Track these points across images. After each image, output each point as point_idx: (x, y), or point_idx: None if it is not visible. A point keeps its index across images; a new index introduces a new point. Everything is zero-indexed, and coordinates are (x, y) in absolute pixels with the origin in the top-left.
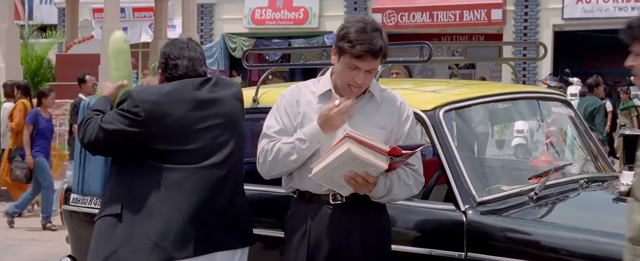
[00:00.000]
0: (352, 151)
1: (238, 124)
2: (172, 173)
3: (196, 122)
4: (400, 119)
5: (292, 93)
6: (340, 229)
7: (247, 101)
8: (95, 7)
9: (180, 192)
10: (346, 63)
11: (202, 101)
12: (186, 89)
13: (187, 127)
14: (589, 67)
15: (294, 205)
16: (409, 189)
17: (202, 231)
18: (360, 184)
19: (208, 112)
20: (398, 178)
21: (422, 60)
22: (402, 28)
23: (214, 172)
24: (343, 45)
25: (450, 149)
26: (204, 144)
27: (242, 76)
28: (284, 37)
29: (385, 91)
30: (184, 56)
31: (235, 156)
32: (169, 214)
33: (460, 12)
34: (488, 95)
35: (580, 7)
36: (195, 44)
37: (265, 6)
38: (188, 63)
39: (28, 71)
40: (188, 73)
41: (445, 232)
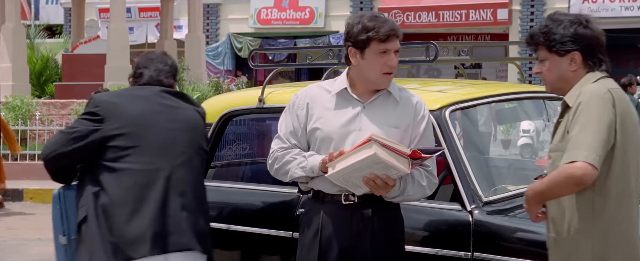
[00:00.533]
0: (378, 155)
1: (197, 134)
2: (128, 175)
3: (152, 124)
4: (415, 118)
5: (305, 95)
6: (352, 229)
7: (253, 101)
8: (101, 7)
9: (135, 193)
10: (375, 51)
11: (159, 104)
12: (144, 93)
13: (143, 128)
14: None
15: (307, 204)
16: (423, 190)
17: (157, 232)
18: (379, 186)
19: (165, 117)
20: (412, 179)
21: (428, 60)
22: (408, 28)
23: (168, 174)
24: (366, 35)
25: (456, 149)
26: (159, 146)
27: (248, 76)
28: (289, 37)
29: (402, 90)
30: (151, 67)
31: (194, 162)
32: (125, 216)
33: (466, 12)
34: (494, 95)
35: (587, 7)
36: (167, 58)
37: (271, 6)
38: (153, 73)
39: (34, 71)
40: (150, 82)
41: (452, 232)
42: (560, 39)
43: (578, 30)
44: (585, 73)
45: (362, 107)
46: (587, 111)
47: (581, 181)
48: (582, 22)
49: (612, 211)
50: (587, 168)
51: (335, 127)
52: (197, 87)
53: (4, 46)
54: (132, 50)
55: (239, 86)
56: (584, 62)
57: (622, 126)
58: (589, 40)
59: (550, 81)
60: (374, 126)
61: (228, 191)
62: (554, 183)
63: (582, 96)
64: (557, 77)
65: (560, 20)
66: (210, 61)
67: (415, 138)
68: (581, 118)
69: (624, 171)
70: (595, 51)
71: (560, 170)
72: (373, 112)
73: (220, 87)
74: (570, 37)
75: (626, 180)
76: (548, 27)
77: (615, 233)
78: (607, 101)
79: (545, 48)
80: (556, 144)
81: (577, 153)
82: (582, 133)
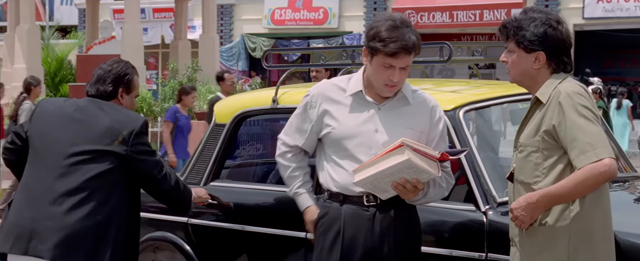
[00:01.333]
0: (412, 160)
1: (105, 147)
2: (28, 175)
3: (54, 132)
4: (432, 120)
5: (319, 94)
6: (376, 230)
7: (267, 101)
8: (115, 7)
9: (23, 193)
10: (380, 63)
11: (66, 115)
12: (60, 102)
13: (46, 135)
14: (609, 67)
15: (324, 206)
16: (442, 191)
17: (24, 233)
18: (409, 190)
19: (72, 128)
20: (434, 181)
21: (442, 60)
22: (422, 28)
23: (57, 182)
24: (375, 45)
25: (471, 149)
26: (56, 153)
27: (262, 76)
28: (303, 38)
29: (417, 92)
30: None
31: (99, 177)
32: (10, 212)
33: (480, 12)
34: (508, 95)
35: (601, 7)
36: (111, 62)
37: (285, 6)
38: (91, 80)
39: (48, 71)
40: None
41: (466, 233)
42: (529, 37)
43: (548, 31)
44: (548, 72)
45: (377, 109)
46: (577, 109)
47: (613, 176)
48: (552, 24)
49: (590, 201)
50: (613, 163)
51: (350, 128)
52: (209, 88)
53: (18, 47)
54: (146, 50)
55: (253, 87)
56: (548, 62)
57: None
58: (555, 42)
59: (513, 73)
60: (390, 127)
61: (242, 191)
62: (582, 183)
63: (561, 95)
64: (520, 71)
65: (533, 18)
66: (223, 62)
67: (434, 140)
68: (574, 116)
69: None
70: (560, 53)
71: (590, 170)
72: (388, 113)
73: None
74: (539, 38)
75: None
76: (520, 22)
77: (592, 223)
78: (589, 96)
79: (514, 42)
80: (528, 139)
81: (599, 152)
82: (588, 130)
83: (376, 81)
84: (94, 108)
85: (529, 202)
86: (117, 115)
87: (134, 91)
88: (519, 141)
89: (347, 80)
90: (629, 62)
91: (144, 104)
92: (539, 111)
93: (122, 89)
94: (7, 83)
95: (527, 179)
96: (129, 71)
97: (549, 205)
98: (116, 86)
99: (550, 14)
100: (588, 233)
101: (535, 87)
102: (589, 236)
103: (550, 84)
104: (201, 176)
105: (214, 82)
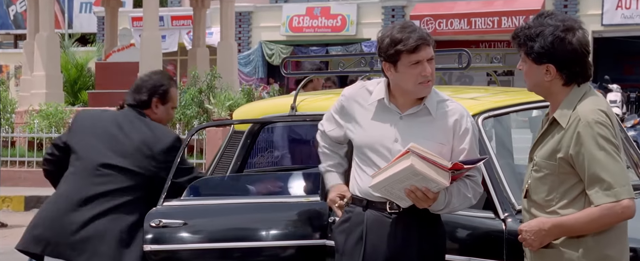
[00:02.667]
0: (415, 167)
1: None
2: (63, 182)
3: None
4: (456, 133)
5: (350, 97)
6: (398, 237)
7: (286, 108)
8: (134, 15)
9: (55, 197)
10: (407, 64)
11: (103, 128)
12: (98, 114)
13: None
14: (629, 74)
15: (347, 210)
16: (468, 201)
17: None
18: (420, 198)
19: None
20: (458, 191)
21: (460, 67)
22: (440, 35)
23: (83, 189)
24: (395, 48)
25: (489, 156)
26: (90, 164)
27: (280, 83)
28: (321, 45)
29: (444, 102)
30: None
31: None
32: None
33: (499, 19)
34: (527, 102)
35: (620, 13)
36: (151, 73)
37: (303, 14)
38: (131, 88)
39: (68, 79)
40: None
41: (485, 240)
42: (537, 50)
43: (555, 43)
44: (562, 84)
45: (399, 117)
46: (598, 141)
47: (631, 217)
48: (560, 35)
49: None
50: (632, 204)
51: (371, 135)
52: (228, 95)
53: (38, 55)
54: (164, 58)
55: (271, 94)
56: (559, 74)
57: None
58: (565, 55)
59: (529, 84)
60: (409, 137)
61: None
62: (596, 222)
63: (581, 123)
64: (534, 83)
65: (543, 27)
66: (241, 69)
67: (462, 153)
68: (595, 149)
69: None
70: (573, 65)
71: (607, 210)
72: (410, 123)
73: (252, 94)
74: (546, 50)
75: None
76: (531, 30)
77: (602, 245)
78: (608, 126)
79: (524, 53)
80: (545, 160)
81: (619, 192)
82: (608, 166)
83: (409, 85)
84: (128, 122)
85: (541, 228)
86: (148, 131)
87: (169, 102)
88: (534, 159)
89: (376, 84)
90: None
91: None
92: (557, 133)
93: (156, 99)
94: (27, 90)
95: (541, 201)
96: (165, 82)
97: (561, 236)
98: (150, 96)
99: (564, 21)
100: (602, 257)
101: (551, 98)
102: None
103: (569, 103)
104: None
105: (233, 89)
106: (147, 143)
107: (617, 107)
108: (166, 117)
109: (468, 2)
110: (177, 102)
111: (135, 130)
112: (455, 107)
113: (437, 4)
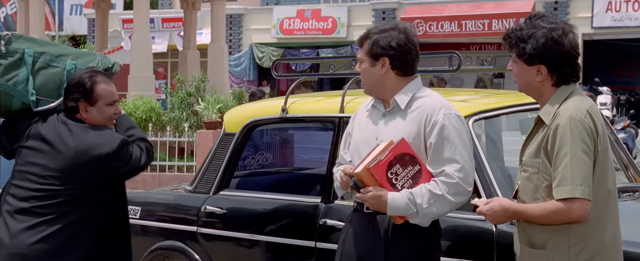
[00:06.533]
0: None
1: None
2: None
3: (31, 153)
4: (426, 128)
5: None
6: (368, 238)
7: (276, 110)
8: (124, 17)
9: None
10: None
11: (42, 138)
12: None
13: (22, 157)
14: (619, 77)
15: (337, 213)
16: (443, 199)
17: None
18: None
19: (45, 152)
20: (423, 192)
21: (451, 69)
22: (430, 37)
23: (24, 203)
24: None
25: (480, 158)
26: (29, 175)
27: (271, 86)
28: (312, 47)
29: (418, 99)
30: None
31: (63, 204)
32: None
33: (489, 22)
34: (517, 105)
35: (610, 16)
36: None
37: (294, 16)
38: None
39: None
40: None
41: (475, 242)
42: (529, 51)
43: (548, 44)
44: (552, 85)
45: (382, 115)
46: (571, 138)
47: (579, 221)
48: (553, 37)
49: (589, 227)
50: (586, 208)
51: (362, 136)
52: (218, 98)
53: None
54: (155, 60)
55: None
56: (550, 75)
57: (601, 145)
58: (556, 56)
59: (519, 85)
60: (388, 136)
61: (252, 201)
62: (547, 217)
63: (560, 118)
64: (525, 83)
65: (535, 29)
66: (232, 71)
67: (430, 147)
68: (566, 146)
69: (600, 186)
70: (563, 65)
71: (559, 206)
72: (388, 120)
73: (243, 97)
74: (538, 51)
75: (603, 194)
76: (523, 32)
77: (591, 249)
78: (588, 126)
79: (516, 54)
80: (530, 159)
81: (574, 190)
82: (572, 164)
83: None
84: (65, 131)
85: (504, 210)
86: (80, 141)
87: (99, 100)
88: (523, 160)
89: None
90: (638, 72)
91: (152, 114)
92: (542, 131)
93: (84, 103)
94: None
95: (529, 200)
96: (85, 80)
97: (512, 219)
98: (75, 100)
99: (556, 24)
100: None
101: (541, 99)
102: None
103: (554, 101)
104: (210, 185)
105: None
106: (83, 150)
107: (607, 109)
108: (104, 119)
109: (458, 5)
110: (113, 97)
111: (70, 139)
112: (429, 103)
113: (427, 7)
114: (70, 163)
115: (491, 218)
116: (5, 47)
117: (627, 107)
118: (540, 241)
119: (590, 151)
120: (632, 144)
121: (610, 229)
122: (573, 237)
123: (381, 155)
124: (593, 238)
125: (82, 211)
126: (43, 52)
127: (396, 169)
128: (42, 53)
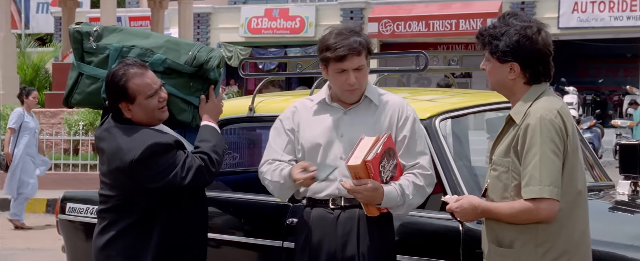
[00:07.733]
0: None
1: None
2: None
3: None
4: (398, 121)
5: (292, 108)
6: (338, 234)
7: (244, 110)
8: (91, 16)
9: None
10: (333, 70)
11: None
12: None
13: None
14: (584, 76)
15: (298, 212)
16: (422, 190)
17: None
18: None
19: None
20: (407, 182)
21: (418, 69)
22: (398, 37)
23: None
24: (325, 55)
25: (447, 158)
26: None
27: (239, 85)
28: (280, 46)
29: (384, 95)
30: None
31: (111, 210)
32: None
33: (456, 22)
34: (484, 104)
35: (576, 17)
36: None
37: (262, 15)
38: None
39: (24, 80)
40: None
41: (442, 241)
42: (502, 48)
43: (521, 42)
44: (524, 83)
45: (343, 113)
46: (541, 138)
47: (546, 221)
48: (526, 34)
49: (557, 225)
50: (554, 208)
51: (318, 134)
52: None
53: None
54: None
55: (230, 95)
56: (523, 73)
57: (571, 146)
58: (530, 53)
59: (491, 83)
60: (356, 130)
61: (219, 200)
62: (515, 216)
63: (531, 117)
64: (497, 81)
65: (508, 27)
66: None
67: (404, 140)
68: (535, 146)
69: (570, 186)
70: (536, 63)
71: (526, 208)
72: (354, 118)
73: None
74: (511, 49)
75: (572, 194)
76: (496, 30)
77: (558, 247)
78: (558, 126)
79: (488, 51)
80: (500, 158)
81: (543, 190)
82: (541, 164)
83: (337, 89)
84: (107, 134)
85: (473, 208)
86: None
87: (137, 96)
88: (492, 158)
89: (318, 93)
90: (604, 72)
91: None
92: (513, 130)
93: (123, 103)
94: None
95: (498, 199)
96: (116, 79)
97: (481, 217)
98: (115, 102)
99: (529, 22)
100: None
101: (513, 98)
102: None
103: (526, 101)
104: None
105: None
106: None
107: (573, 109)
108: (149, 114)
109: (426, 5)
110: (151, 89)
111: (109, 144)
112: (394, 99)
113: (395, 7)
114: (107, 169)
115: (460, 216)
116: (96, 42)
117: (593, 107)
118: (508, 240)
119: (560, 151)
120: (597, 143)
121: (580, 228)
122: (541, 236)
123: (374, 148)
124: (561, 237)
125: (128, 221)
126: (132, 47)
127: (384, 162)
128: (131, 48)
